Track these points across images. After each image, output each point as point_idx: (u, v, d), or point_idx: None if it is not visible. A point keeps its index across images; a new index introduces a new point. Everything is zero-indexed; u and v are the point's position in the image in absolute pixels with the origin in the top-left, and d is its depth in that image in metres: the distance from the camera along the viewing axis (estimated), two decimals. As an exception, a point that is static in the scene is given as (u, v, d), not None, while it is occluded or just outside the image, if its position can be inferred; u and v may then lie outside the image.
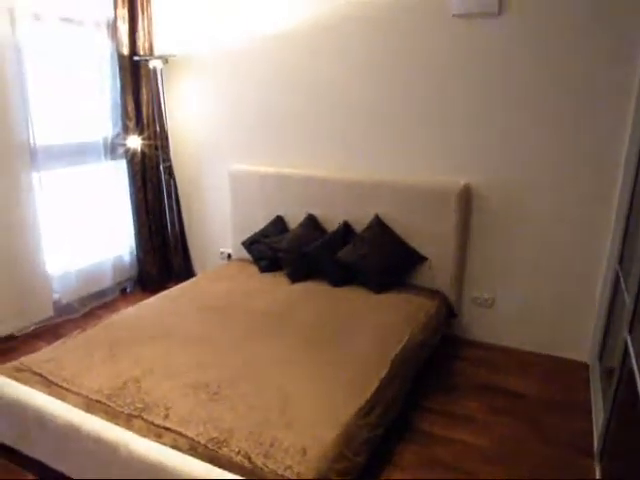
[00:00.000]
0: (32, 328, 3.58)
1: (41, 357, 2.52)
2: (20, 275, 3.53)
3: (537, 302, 3.24)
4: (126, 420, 2.02)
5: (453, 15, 3.06)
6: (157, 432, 1.94)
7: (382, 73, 3.35)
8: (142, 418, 2.02)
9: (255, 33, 3.70)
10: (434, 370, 3.09)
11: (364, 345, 2.59)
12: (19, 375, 2.35)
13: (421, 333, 2.84)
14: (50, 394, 2.20)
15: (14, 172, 3.44)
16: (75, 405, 2.12)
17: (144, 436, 1.92)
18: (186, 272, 4.46)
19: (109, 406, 2.10)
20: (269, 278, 3.56)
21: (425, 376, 2.96)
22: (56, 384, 2.27)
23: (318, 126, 3.66)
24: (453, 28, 3.09)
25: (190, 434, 1.92)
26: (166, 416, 2.02)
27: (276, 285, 3.42)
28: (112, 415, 2.05)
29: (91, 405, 2.12)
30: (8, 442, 2.35)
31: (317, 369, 2.37)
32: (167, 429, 1.95)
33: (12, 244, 3.47)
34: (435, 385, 2.96)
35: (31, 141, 3.51)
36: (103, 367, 2.39)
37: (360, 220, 3.48)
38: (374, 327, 2.79)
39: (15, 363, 2.46)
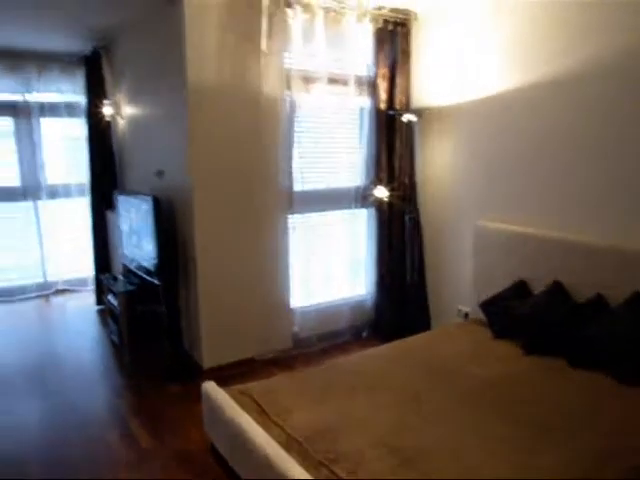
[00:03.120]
0: (270, 355, 3.91)
1: (264, 386, 2.72)
2: (268, 306, 3.90)
3: None
4: (315, 467, 2.02)
5: None
6: (340, 487, 1.90)
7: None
8: (329, 469, 1.99)
9: (509, 85, 3.53)
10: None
11: (594, 445, 2.15)
12: (241, 398, 2.57)
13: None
14: (260, 423, 2.34)
15: (276, 215, 3.86)
16: (277, 439, 2.21)
17: (327, 487, 1.89)
18: (422, 324, 4.37)
19: (305, 449, 2.13)
20: (502, 346, 3.26)
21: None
22: (267, 415, 2.41)
23: (575, 185, 3.27)
24: None
25: (370, 498, 1.82)
26: (352, 472, 1.96)
27: (507, 354, 3.11)
28: (304, 458, 2.07)
29: (290, 443, 2.18)
30: (223, 453, 2.59)
31: (529, 461, 2.04)
32: (349, 486, 1.89)
33: (266, 278, 3.87)
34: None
35: (292, 187, 3.91)
36: (311, 408, 2.46)
37: (617, 294, 2.95)
38: (614, 426, 2.30)
39: (241, 387, 2.70)
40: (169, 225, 3.76)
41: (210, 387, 2.70)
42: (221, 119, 3.54)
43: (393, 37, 4.02)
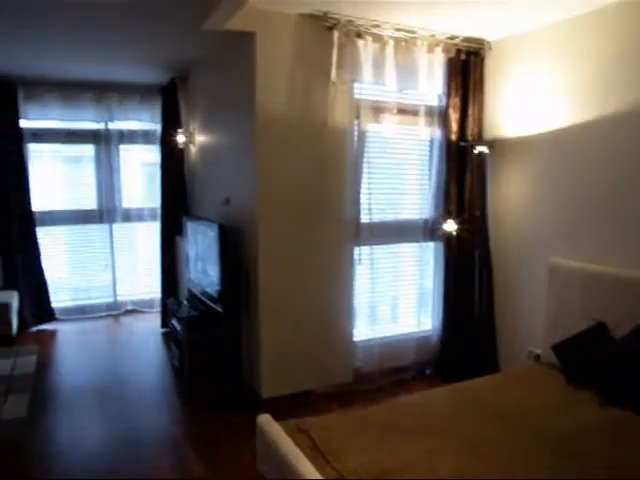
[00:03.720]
0: (330, 389, 3.81)
1: (320, 422, 2.62)
2: (330, 338, 3.82)
3: None
4: (368, 514, 1.90)
5: None
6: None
7: None
8: (383, 518, 1.87)
9: (586, 117, 3.35)
10: None
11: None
12: (295, 434, 2.47)
13: None
14: (313, 461, 2.23)
15: (342, 246, 3.80)
16: (329, 481, 2.10)
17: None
18: (489, 364, 4.15)
19: (358, 493, 2.02)
20: (576, 393, 3.00)
21: None
22: (322, 453, 2.31)
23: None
24: None
25: None
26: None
27: (583, 404, 2.86)
28: (357, 503, 1.96)
29: (343, 486, 2.07)
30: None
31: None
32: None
33: (329, 309, 3.81)
34: None
35: (359, 218, 3.85)
36: (368, 449, 2.34)
37: None
38: None
39: (298, 422, 2.60)
40: (234, 253, 3.78)
41: (265, 420, 2.63)
42: (289, 149, 3.55)
43: (466, 67, 3.93)
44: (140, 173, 6.06)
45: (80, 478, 2.87)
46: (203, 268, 4.11)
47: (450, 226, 4.03)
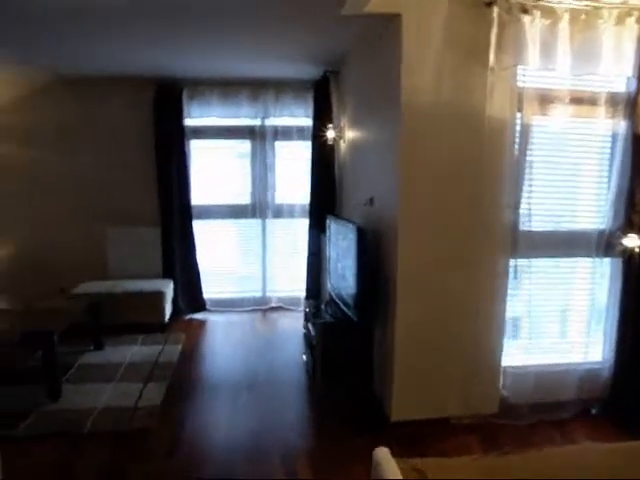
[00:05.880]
0: (470, 419, 3.34)
1: (443, 466, 2.23)
2: (474, 361, 3.37)
3: None
4: None
5: None
6: None
7: None
8: None
9: None
10: None
11: None
12: (412, 476, 2.11)
13: None
14: (425, 515, 1.87)
15: (494, 257, 3.32)
16: None
17: None
18: (678, 414, 3.36)
19: None
20: None
21: None
22: (437, 508, 1.93)
23: None
24: None
25: None
26: None
27: None
28: None
29: None
30: None
31: None
32: None
33: (475, 328, 3.35)
34: None
35: (518, 226, 3.32)
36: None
37: None
38: None
39: (417, 462, 2.22)
40: (372, 258, 3.48)
41: (381, 455, 2.28)
42: (437, 144, 3.15)
43: (668, 38, 3.15)
44: (293, 169, 6.01)
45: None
46: (342, 271, 3.87)
47: (633, 241, 3.30)
